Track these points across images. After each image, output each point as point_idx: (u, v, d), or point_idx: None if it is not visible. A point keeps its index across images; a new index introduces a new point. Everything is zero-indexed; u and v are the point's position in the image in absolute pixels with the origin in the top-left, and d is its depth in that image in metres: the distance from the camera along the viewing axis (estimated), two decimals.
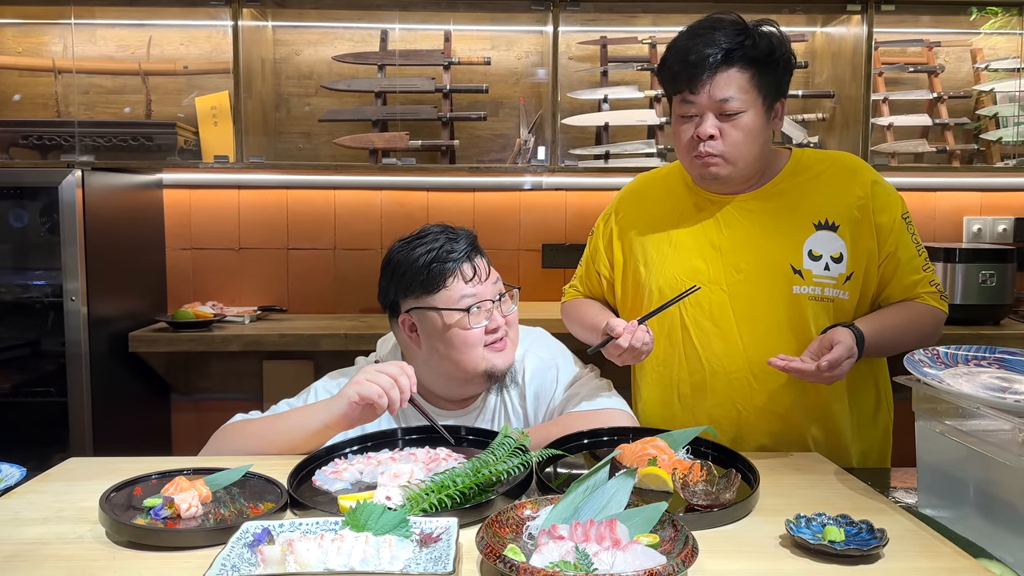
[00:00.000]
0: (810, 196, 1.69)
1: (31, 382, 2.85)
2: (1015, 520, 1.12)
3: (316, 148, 3.36)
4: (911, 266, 1.69)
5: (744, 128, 1.60)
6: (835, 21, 3.22)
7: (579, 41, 3.31)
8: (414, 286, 1.63)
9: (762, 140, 1.64)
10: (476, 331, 1.61)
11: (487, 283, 1.64)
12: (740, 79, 1.58)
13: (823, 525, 1.13)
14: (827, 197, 1.69)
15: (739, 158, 1.63)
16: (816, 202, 1.68)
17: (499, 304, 1.66)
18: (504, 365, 1.66)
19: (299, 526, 1.08)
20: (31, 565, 1.07)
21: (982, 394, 1.19)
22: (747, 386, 1.67)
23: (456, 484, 1.23)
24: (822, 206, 1.68)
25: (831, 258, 1.66)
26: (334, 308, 3.41)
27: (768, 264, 1.67)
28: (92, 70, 3.22)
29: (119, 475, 1.32)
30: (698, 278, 1.69)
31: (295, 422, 1.53)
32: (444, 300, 1.61)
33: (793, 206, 1.69)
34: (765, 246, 1.68)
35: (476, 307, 1.61)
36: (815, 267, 1.66)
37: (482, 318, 1.62)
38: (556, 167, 3.06)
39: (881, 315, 1.69)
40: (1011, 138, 3.16)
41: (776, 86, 1.63)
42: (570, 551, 1.00)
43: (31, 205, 2.80)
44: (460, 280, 1.61)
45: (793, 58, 1.66)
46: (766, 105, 1.62)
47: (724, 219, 1.71)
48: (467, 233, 1.68)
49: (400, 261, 1.65)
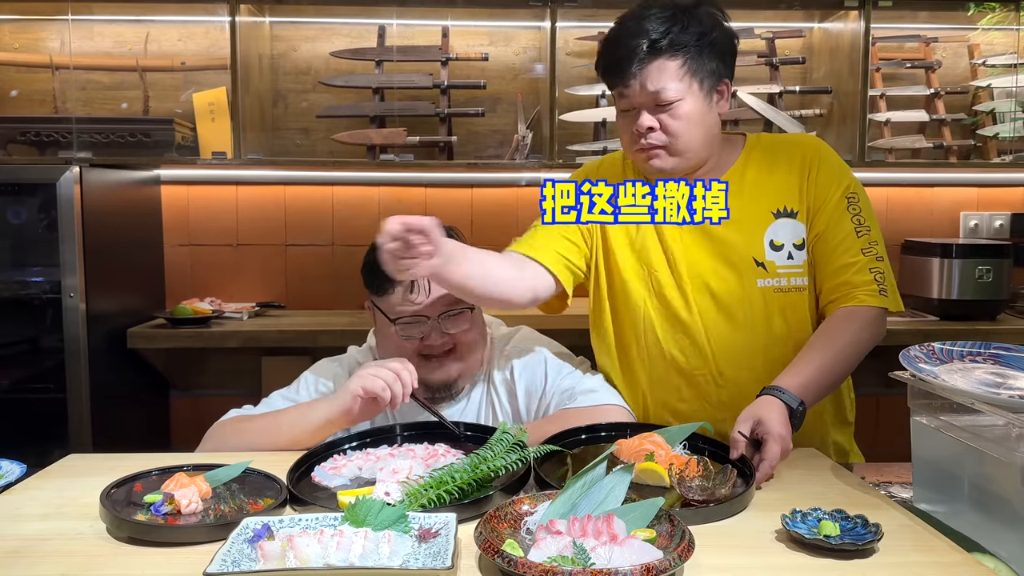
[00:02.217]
0: (767, 183, 1.65)
1: (30, 378, 2.85)
2: (1009, 514, 1.13)
3: (314, 144, 3.36)
4: (843, 248, 1.60)
5: (683, 117, 1.55)
6: (833, 17, 3.22)
7: (577, 37, 3.31)
8: (369, 282, 1.67)
9: (705, 126, 1.58)
10: (407, 343, 1.63)
11: (431, 298, 1.62)
12: (671, 68, 1.52)
13: (818, 520, 1.14)
14: (783, 183, 1.64)
15: (682, 148, 1.57)
16: (773, 189, 1.64)
17: (443, 321, 1.63)
18: (439, 379, 1.66)
19: (299, 522, 1.09)
20: (32, 561, 1.08)
21: (977, 390, 1.20)
22: (713, 384, 1.66)
23: (454, 480, 1.23)
24: (779, 193, 1.64)
25: (793, 246, 1.62)
26: (332, 304, 3.41)
27: (727, 260, 1.63)
28: (89, 66, 3.21)
29: (119, 471, 1.32)
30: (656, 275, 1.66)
31: (296, 417, 1.54)
32: (387, 304, 1.64)
33: (751, 195, 1.64)
34: (725, 240, 1.63)
35: (404, 322, 1.62)
36: (778, 258, 1.62)
37: (413, 332, 1.63)
38: (554, 163, 3.06)
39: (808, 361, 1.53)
40: (1008, 134, 3.16)
41: (714, 69, 1.56)
42: (568, 546, 1.00)
43: (29, 202, 2.80)
44: (400, 289, 1.62)
45: (732, 37, 1.60)
46: (705, 89, 1.56)
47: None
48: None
49: (370, 253, 1.66)
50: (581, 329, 1.85)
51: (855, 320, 1.57)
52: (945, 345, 1.42)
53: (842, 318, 1.58)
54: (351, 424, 1.53)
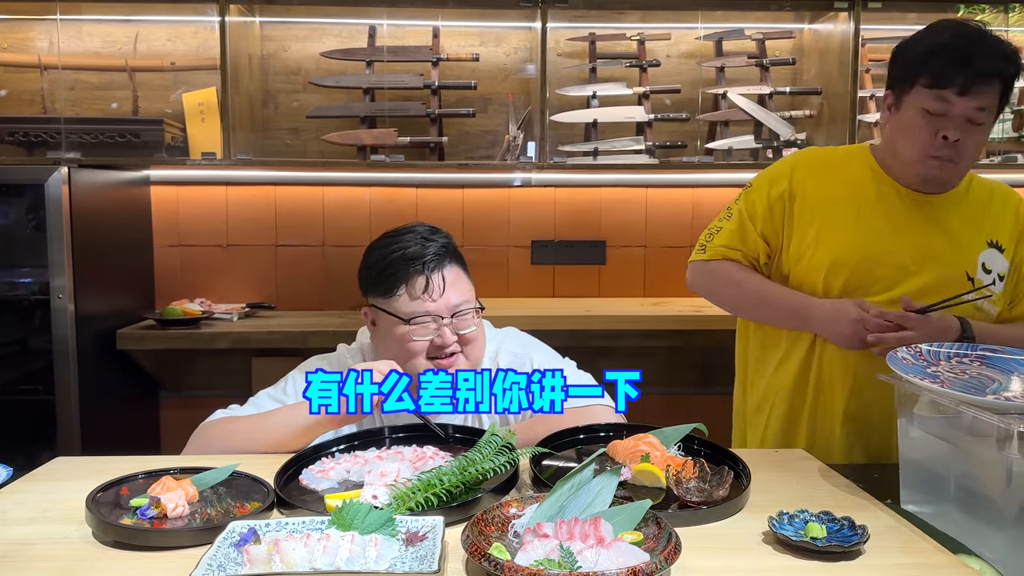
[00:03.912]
0: (982, 214, 1.75)
1: (18, 380, 2.84)
2: (994, 516, 1.14)
3: (304, 144, 3.36)
4: None
5: (980, 140, 1.65)
6: (822, 18, 3.24)
7: (568, 37, 3.31)
8: (372, 285, 1.66)
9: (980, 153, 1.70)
10: (418, 343, 1.62)
11: (440, 299, 1.62)
12: (994, 93, 1.61)
13: (805, 522, 1.14)
14: (997, 219, 1.76)
15: (965, 168, 1.68)
16: (987, 221, 1.75)
17: (452, 321, 1.63)
18: None
19: (285, 525, 1.09)
20: (17, 565, 1.07)
21: (964, 392, 1.20)
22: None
23: (442, 483, 1.23)
24: (992, 226, 1.75)
25: (998, 275, 1.73)
26: (323, 305, 3.41)
27: (945, 266, 1.70)
28: (78, 66, 3.20)
29: (106, 475, 1.31)
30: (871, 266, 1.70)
31: (283, 419, 1.53)
32: (395, 306, 1.63)
33: (969, 219, 1.74)
34: (945, 249, 1.71)
35: (418, 322, 1.61)
36: (985, 279, 1.71)
37: (425, 333, 1.62)
38: (545, 164, 3.06)
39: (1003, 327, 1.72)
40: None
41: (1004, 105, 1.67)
42: (555, 549, 1.00)
43: (17, 202, 2.78)
44: (412, 291, 1.62)
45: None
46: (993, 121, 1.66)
47: (906, 213, 1.73)
48: (442, 242, 1.67)
49: (369, 256, 1.68)
50: (567, 330, 1.86)
51: None
52: (932, 347, 1.43)
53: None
54: (338, 426, 1.52)
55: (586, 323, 2.93)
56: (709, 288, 1.88)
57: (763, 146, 3.21)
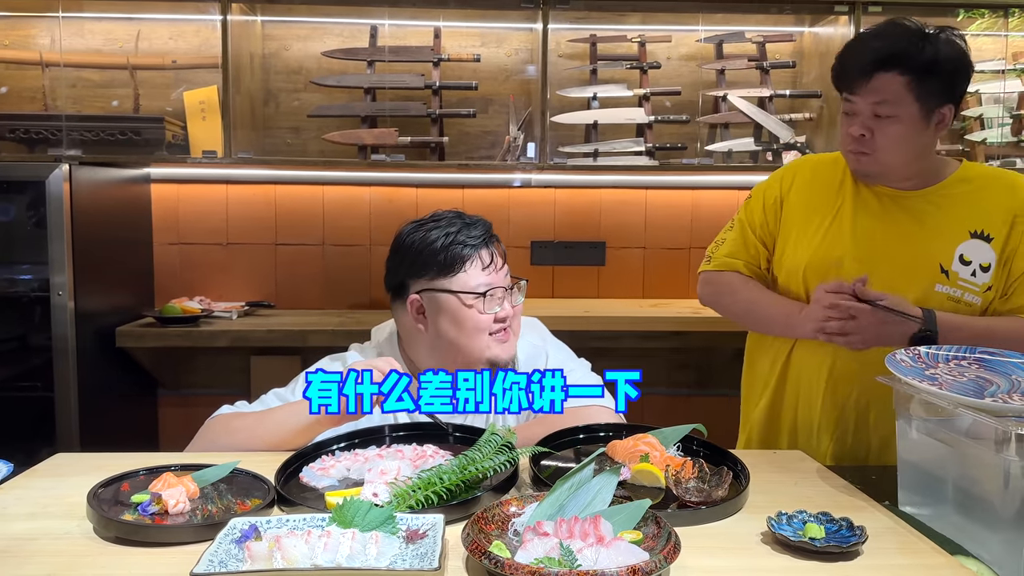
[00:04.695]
0: (970, 205, 1.73)
1: (18, 377, 2.84)
2: (991, 518, 1.14)
3: (305, 144, 3.36)
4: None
5: (894, 133, 1.64)
6: (823, 21, 3.24)
7: (569, 39, 3.32)
8: (429, 267, 1.64)
9: (916, 145, 1.67)
10: (487, 317, 1.63)
11: (500, 272, 1.67)
12: (895, 84, 1.61)
13: (804, 522, 1.15)
14: (986, 208, 1.73)
15: (886, 160, 1.68)
16: (975, 212, 1.73)
17: (509, 294, 1.68)
18: (506, 356, 1.68)
19: (286, 522, 1.09)
20: (18, 561, 1.07)
21: (962, 394, 1.21)
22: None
23: (443, 481, 1.24)
24: (980, 216, 1.72)
25: (979, 266, 1.71)
26: (322, 304, 3.41)
27: (916, 258, 1.71)
28: (80, 64, 3.20)
29: (106, 471, 1.32)
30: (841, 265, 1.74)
31: (284, 417, 1.53)
32: (460, 283, 1.63)
33: (952, 211, 1.73)
34: (919, 242, 1.72)
35: (491, 293, 1.63)
36: (963, 271, 1.70)
37: (495, 305, 1.64)
38: (545, 164, 3.07)
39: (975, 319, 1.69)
40: (996, 139, 3.19)
41: (939, 93, 1.64)
42: (555, 547, 1.01)
43: (18, 199, 2.79)
44: (478, 265, 1.64)
45: (967, 66, 1.67)
46: (923, 111, 1.64)
47: (883, 211, 1.75)
48: (483, 221, 1.70)
49: (414, 242, 1.66)
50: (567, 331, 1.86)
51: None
52: (931, 349, 1.43)
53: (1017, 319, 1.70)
54: (338, 424, 1.53)
55: (585, 324, 2.94)
56: (713, 298, 1.95)
57: (763, 149, 3.22)
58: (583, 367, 1.77)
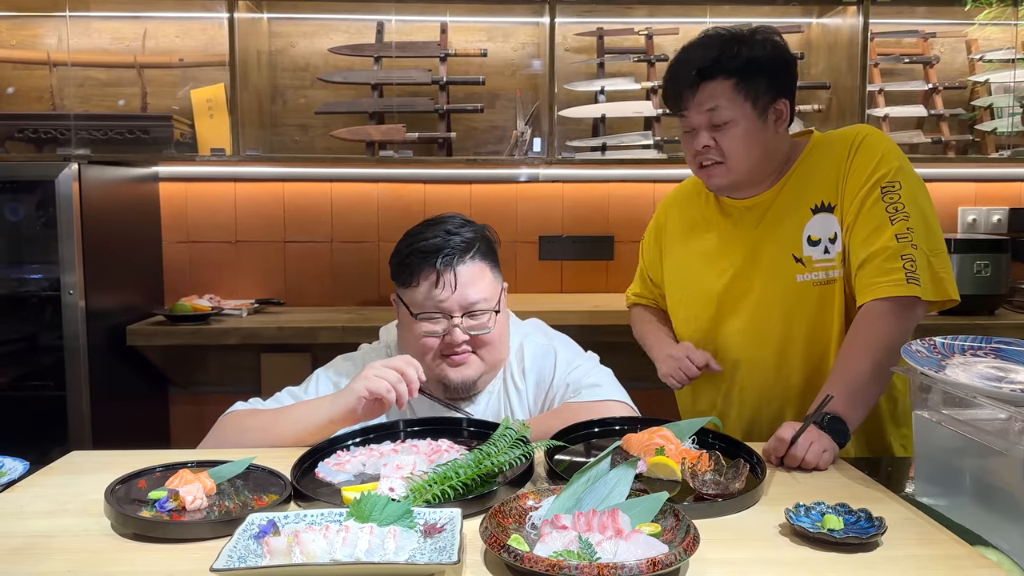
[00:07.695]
0: (809, 180, 1.69)
1: (29, 376, 2.85)
2: (1011, 507, 1.14)
3: (312, 141, 3.36)
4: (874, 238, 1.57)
5: (737, 136, 1.62)
6: (831, 12, 3.23)
7: (575, 32, 3.31)
8: (395, 273, 1.67)
9: (762, 144, 1.64)
10: (428, 340, 1.61)
11: (453, 296, 1.59)
12: (722, 90, 1.60)
13: (822, 514, 1.14)
14: (825, 177, 1.67)
15: (738, 166, 1.65)
16: (813, 185, 1.68)
17: (465, 320, 1.61)
18: (457, 379, 1.62)
19: (304, 517, 1.09)
20: (38, 558, 1.07)
21: (979, 384, 1.20)
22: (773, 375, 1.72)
23: (459, 475, 1.23)
24: (818, 187, 1.67)
25: (828, 240, 1.65)
26: (331, 301, 3.41)
27: (773, 259, 1.69)
28: (87, 63, 3.21)
29: (122, 468, 1.32)
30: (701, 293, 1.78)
31: (299, 416, 1.53)
32: (409, 297, 1.63)
33: (794, 193, 1.69)
34: (770, 241, 1.69)
35: (426, 317, 1.60)
36: (815, 252, 1.66)
37: (435, 329, 1.61)
38: (553, 159, 3.06)
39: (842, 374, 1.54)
40: (1006, 129, 3.17)
41: (767, 89, 1.62)
42: (573, 540, 1.01)
43: (27, 199, 2.79)
44: (426, 284, 1.60)
45: (787, 59, 1.66)
46: (759, 109, 1.62)
47: (732, 227, 1.76)
48: (467, 236, 1.64)
49: (400, 242, 1.67)
50: (576, 326, 1.86)
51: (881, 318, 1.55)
52: (947, 339, 1.42)
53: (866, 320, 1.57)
54: (355, 423, 1.53)
55: (594, 318, 2.94)
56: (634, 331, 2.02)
57: None
58: (591, 361, 1.76)
